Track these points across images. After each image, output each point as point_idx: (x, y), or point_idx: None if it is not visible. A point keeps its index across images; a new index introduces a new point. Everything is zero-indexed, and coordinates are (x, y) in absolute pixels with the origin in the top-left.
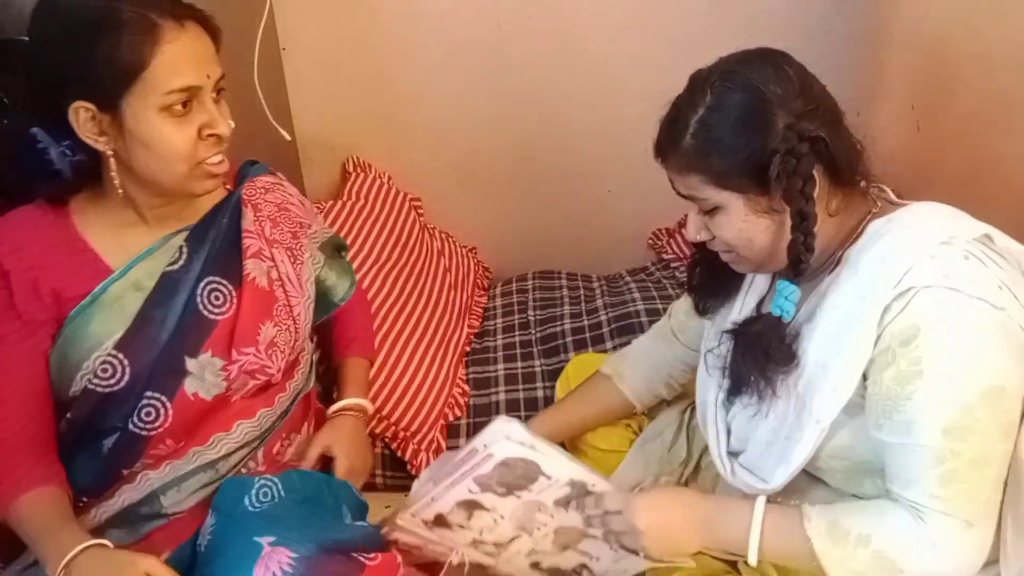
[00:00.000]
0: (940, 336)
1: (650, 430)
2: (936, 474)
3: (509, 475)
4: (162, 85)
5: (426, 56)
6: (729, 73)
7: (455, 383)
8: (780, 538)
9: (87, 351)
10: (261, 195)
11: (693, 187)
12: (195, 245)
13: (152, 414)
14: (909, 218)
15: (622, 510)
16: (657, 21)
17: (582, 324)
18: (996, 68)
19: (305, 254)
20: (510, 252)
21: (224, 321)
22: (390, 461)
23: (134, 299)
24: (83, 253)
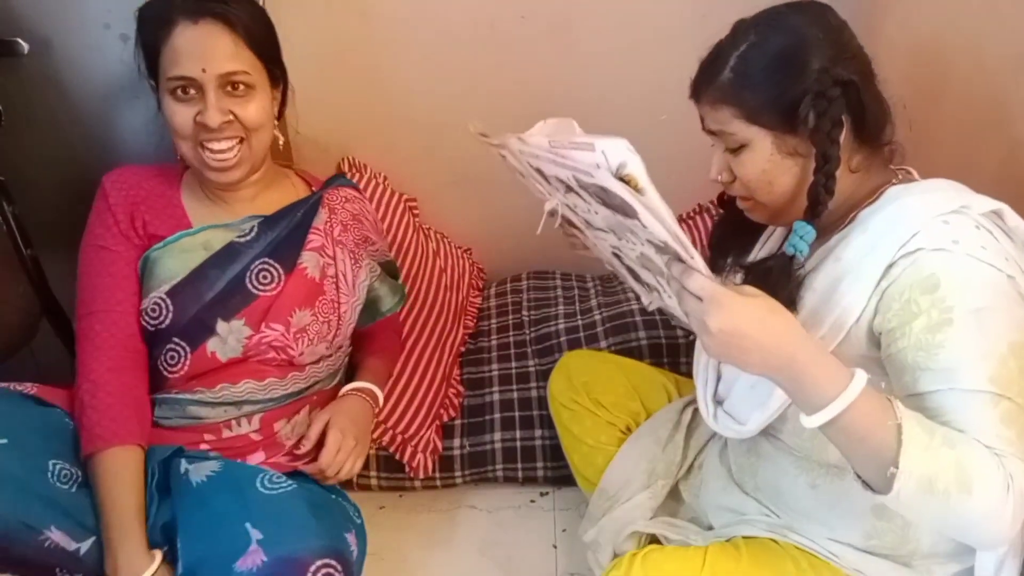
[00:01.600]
0: (964, 287)
1: (646, 427)
2: (997, 415)
3: (607, 197)
4: (165, 70)
5: (420, 56)
6: (774, 15)
7: (450, 384)
8: (869, 407)
9: (149, 289)
10: (341, 203)
11: (723, 121)
12: (265, 228)
13: (175, 358)
14: (925, 186)
15: (702, 299)
16: (651, 21)
17: (576, 324)
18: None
19: (364, 260)
20: (505, 252)
21: (265, 297)
22: (385, 463)
23: (199, 256)
24: (175, 207)
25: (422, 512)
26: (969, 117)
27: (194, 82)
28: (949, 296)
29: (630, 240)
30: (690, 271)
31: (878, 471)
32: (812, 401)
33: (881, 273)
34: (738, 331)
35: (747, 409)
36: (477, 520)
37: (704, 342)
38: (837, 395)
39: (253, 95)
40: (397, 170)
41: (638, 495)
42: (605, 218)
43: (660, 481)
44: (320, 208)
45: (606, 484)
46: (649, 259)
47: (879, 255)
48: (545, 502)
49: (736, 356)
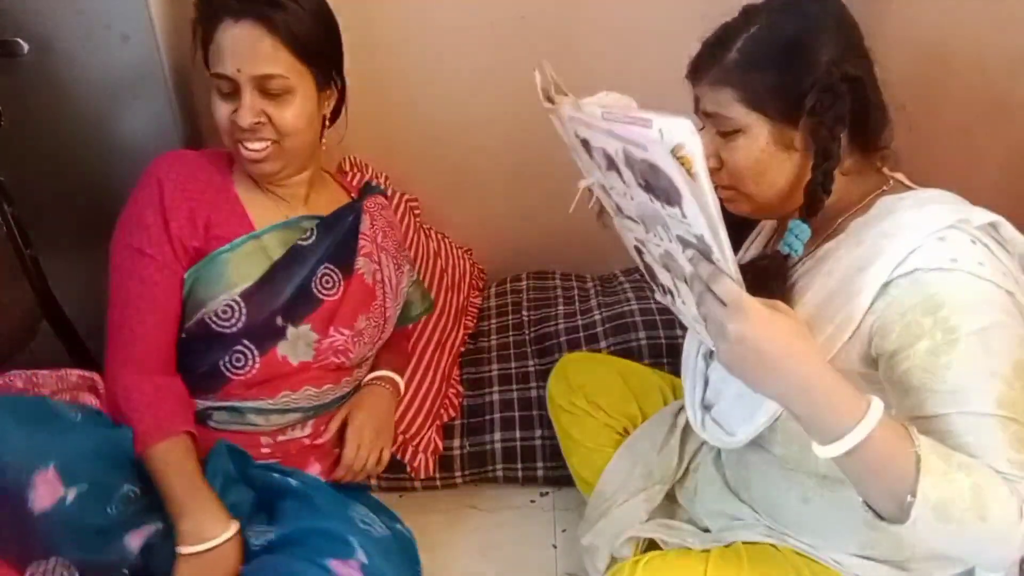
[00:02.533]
0: (967, 308)
1: (642, 430)
2: (1006, 439)
3: (653, 178)
4: (211, 65)
5: (420, 56)
6: (786, 3)
7: (450, 384)
8: (886, 436)
9: (217, 292)
10: (379, 210)
11: (723, 103)
12: (323, 231)
13: (242, 360)
14: (919, 199)
15: (727, 304)
16: (651, 22)
17: (576, 324)
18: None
19: (404, 267)
20: (505, 253)
21: (330, 303)
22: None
23: (262, 258)
24: (234, 203)
25: (422, 512)
26: (969, 117)
27: (231, 81)
28: (952, 316)
29: (658, 235)
30: (719, 273)
31: (894, 500)
32: (828, 430)
33: (876, 293)
34: (758, 345)
35: (735, 420)
36: (477, 520)
37: (720, 349)
38: (854, 425)
39: (291, 99)
40: (397, 170)
41: (635, 498)
42: (639, 205)
43: (657, 485)
44: (363, 214)
45: (603, 487)
46: (673, 258)
47: (874, 273)
48: (545, 502)
49: (749, 371)
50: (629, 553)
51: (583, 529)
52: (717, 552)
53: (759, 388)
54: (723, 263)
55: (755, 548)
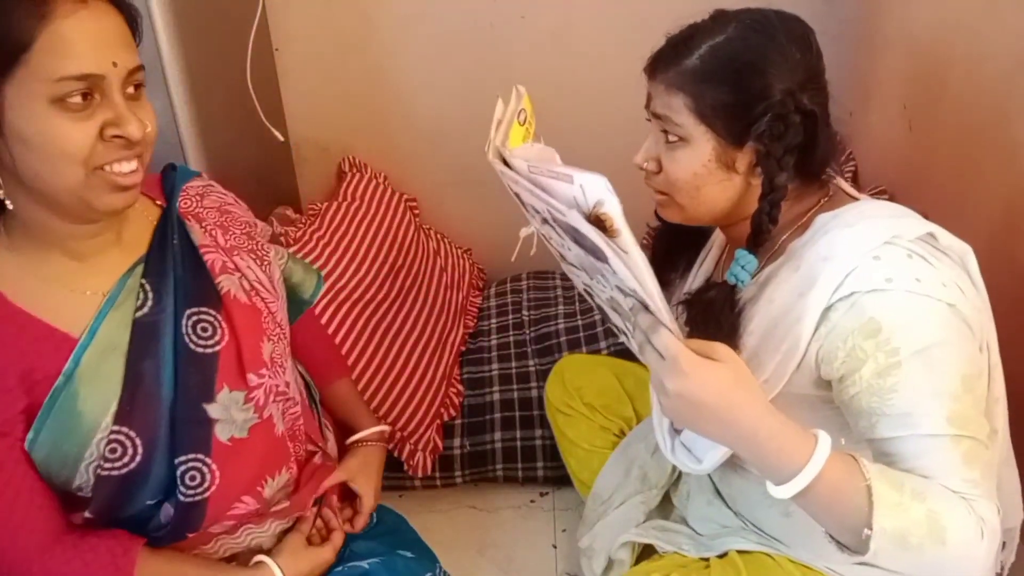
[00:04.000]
0: (905, 327)
1: (636, 432)
2: (959, 457)
3: (579, 237)
4: (51, 70)
5: (419, 56)
6: (760, 17)
7: (451, 383)
8: (836, 471)
9: (84, 436)
10: (198, 203)
11: (673, 109)
12: (156, 280)
13: (197, 478)
14: (854, 215)
15: (665, 358)
16: (650, 21)
17: (576, 324)
18: (988, 68)
19: (270, 252)
20: (505, 252)
21: (224, 350)
22: (386, 461)
23: (115, 361)
24: (30, 327)
25: (422, 512)
26: (969, 117)
27: (100, 82)
28: (893, 338)
29: (601, 282)
30: (657, 326)
31: (852, 533)
32: (778, 472)
33: (818, 319)
34: (696, 399)
35: (702, 447)
36: (477, 520)
37: (661, 402)
38: (803, 466)
39: (145, 96)
40: (397, 170)
41: (631, 501)
42: (577, 256)
43: (653, 490)
44: (187, 222)
45: (599, 489)
46: (618, 304)
47: (814, 299)
48: (545, 502)
49: (692, 423)
50: (626, 556)
51: (581, 531)
52: (716, 564)
53: (706, 436)
54: (659, 313)
55: (751, 558)
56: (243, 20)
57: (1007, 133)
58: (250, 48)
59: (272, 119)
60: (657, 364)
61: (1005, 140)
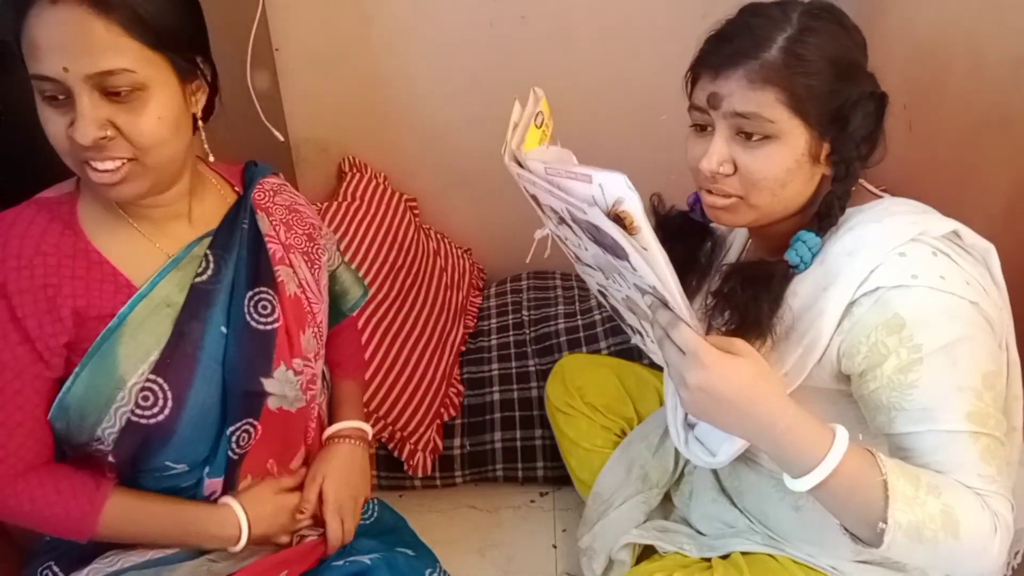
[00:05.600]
0: (929, 324)
1: (636, 432)
2: (976, 453)
3: (598, 235)
4: (28, 67)
5: (420, 56)
6: (820, 5)
7: (451, 383)
8: (853, 465)
9: (119, 379)
10: (271, 198)
11: (764, 104)
12: (221, 253)
13: (245, 437)
14: (879, 212)
15: (685, 353)
16: (649, 20)
17: (576, 324)
18: (988, 67)
19: (323, 257)
20: (505, 252)
21: (279, 329)
22: (385, 462)
23: (165, 316)
24: (100, 266)
25: (422, 512)
26: (969, 117)
27: (59, 84)
28: (916, 334)
29: (617, 281)
30: (677, 321)
31: (867, 526)
32: (796, 465)
33: (842, 312)
34: (717, 393)
35: (716, 440)
36: (477, 520)
37: (681, 396)
38: (821, 459)
39: (144, 100)
40: (397, 170)
41: (631, 501)
42: (594, 256)
43: (654, 489)
44: (257, 212)
45: (600, 488)
46: (635, 303)
47: (838, 293)
48: (545, 502)
49: (711, 416)
50: (626, 557)
51: (581, 531)
52: (718, 565)
53: (724, 430)
54: (679, 310)
55: (754, 559)
56: (243, 20)
57: (1007, 133)
58: (250, 48)
59: (272, 119)
60: (677, 359)
61: (1005, 140)
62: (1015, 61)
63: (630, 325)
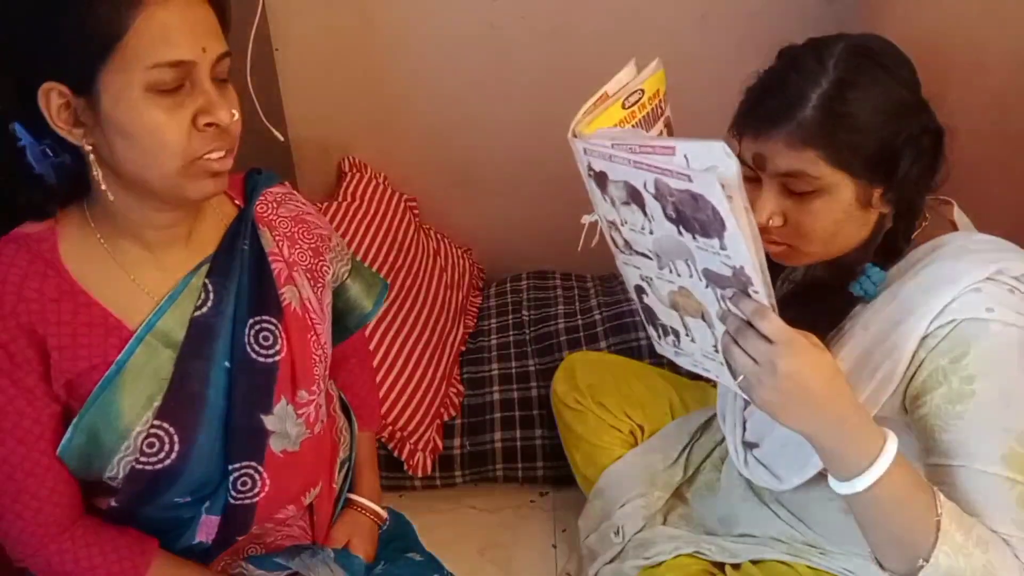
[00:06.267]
0: (991, 359)
1: (656, 442)
2: (1014, 498)
3: (690, 208)
4: (145, 57)
5: (420, 56)
6: (857, 49)
7: (451, 383)
8: (900, 491)
9: (124, 430)
10: (274, 210)
11: (806, 163)
12: (220, 281)
13: (248, 483)
14: (956, 249)
15: (775, 341)
16: (651, 21)
17: (576, 324)
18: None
19: (327, 276)
20: (505, 252)
21: (282, 361)
22: (385, 462)
23: (165, 356)
24: (87, 308)
25: (422, 512)
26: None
27: (191, 68)
28: (972, 365)
29: (673, 270)
30: (764, 310)
31: (904, 556)
32: (852, 465)
33: (915, 347)
34: (806, 381)
35: (783, 466)
36: (477, 520)
37: (765, 383)
38: (874, 459)
39: (230, 87)
40: (397, 170)
41: (633, 501)
42: (660, 239)
43: (657, 493)
44: (259, 228)
45: (604, 484)
46: (687, 294)
47: (912, 327)
48: (545, 502)
49: (790, 404)
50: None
51: (582, 523)
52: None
53: (794, 423)
54: (762, 296)
55: (767, 565)
56: (243, 20)
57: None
58: (250, 48)
59: (272, 119)
60: (762, 348)
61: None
62: (1015, 60)
63: (663, 325)
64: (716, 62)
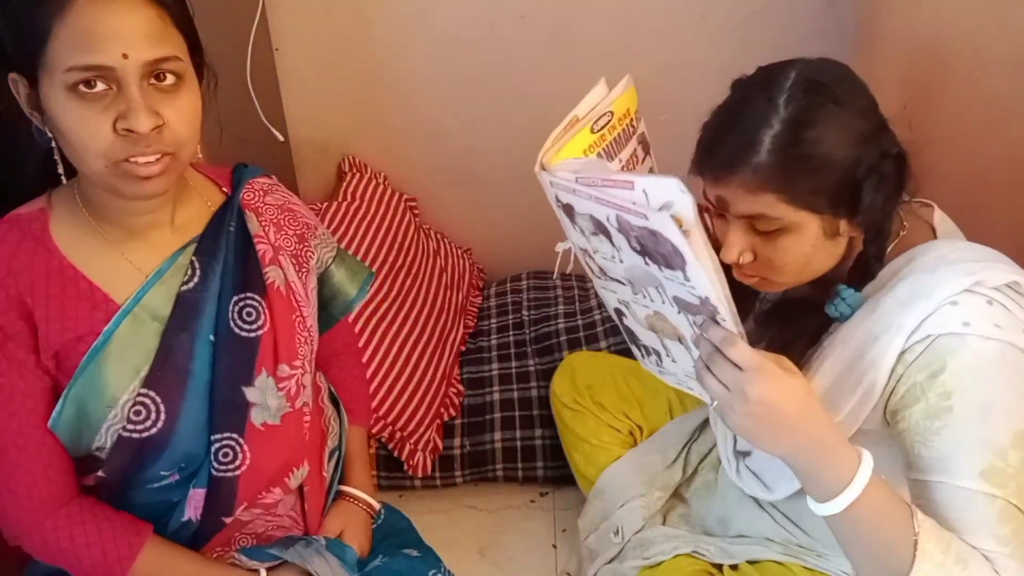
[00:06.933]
0: (968, 374)
1: (654, 442)
2: (994, 513)
3: (651, 243)
4: (65, 59)
5: (420, 56)
6: (807, 84)
7: (451, 383)
8: (878, 510)
9: (111, 398)
10: (260, 198)
11: (766, 206)
12: (206, 260)
13: (229, 455)
14: (934, 260)
15: (744, 369)
16: (651, 20)
17: (576, 324)
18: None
19: (312, 260)
20: (505, 252)
21: (264, 336)
22: (385, 462)
23: (152, 329)
24: (75, 283)
25: (422, 512)
26: (969, 117)
27: (111, 73)
28: (950, 382)
29: (647, 296)
30: (732, 337)
31: (883, 573)
32: (833, 483)
33: (894, 362)
34: (778, 407)
35: (773, 477)
36: (477, 520)
37: (736, 410)
38: (851, 479)
39: (184, 91)
40: (397, 170)
41: (632, 502)
42: (629, 268)
43: (656, 493)
44: (246, 213)
45: (603, 485)
46: (662, 318)
47: (890, 343)
48: (545, 502)
49: (763, 429)
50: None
51: (582, 523)
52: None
53: (769, 447)
54: (729, 324)
55: (763, 566)
56: (243, 20)
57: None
58: (250, 48)
59: (272, 119)
60: (734, 375)
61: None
62: (1015, 61)
63: (644, 346)
64: (716, 62)
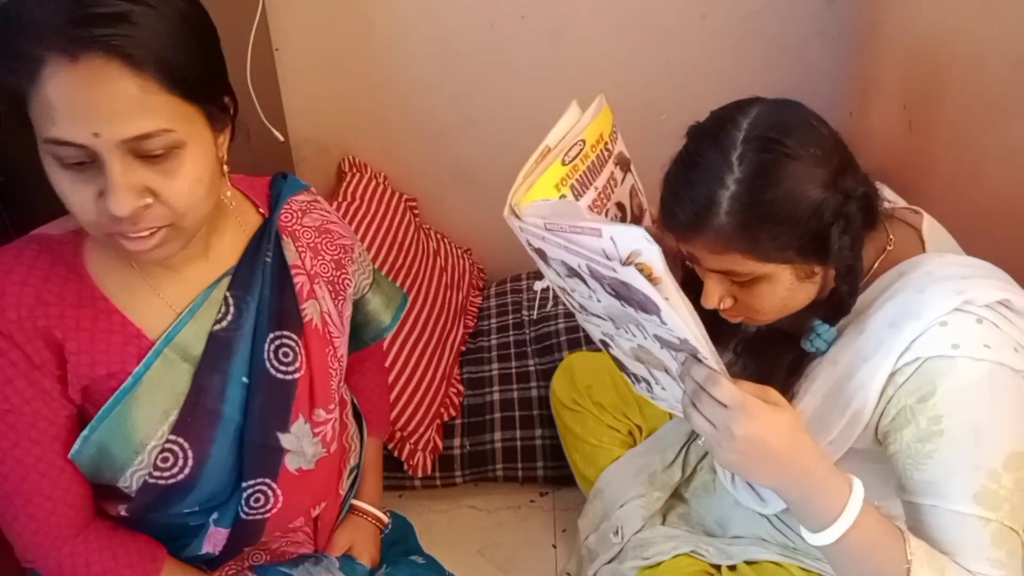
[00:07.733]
0: (958, 397)
1: (653, 443)
2: (987, 536)
3: (623, 291)
4: (39, 128)
5: (420, 56)
6: (759, 141)
7: (451, 383)
8: (870, 538)
9: (139, 444)
10: (298, 219)
11: (733, 264)
12: (241, 295)
13: (261, 499)
14: (923, 278)
15: (729, 407)
16: (650, 21)
17: (576, 324)
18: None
19: (349, 289)
20: (505, 252)
21: (301, 379)
22: (386, 462)
23: (182, 370)
24: (108, 315)
25: (422, 512)
26: (969, 117)
27: (85, 151)
28: (941, 405)
29: (629, 332)
30: (715, 376)
31: None
32: (825, 514)
33: (884, 383)
34: (764, 443)
35: (769, 491)
36: (477, 520)
37: (724, 447)
38: (842, 508)
39: (182, 159)
40: (397, 170)
41: (632, 502)
42: (607, 307)
43: (656, 493)
44: (283, 239)
45: (603, 485)
46: (647, 351)
47: (879, 364)
48: (545, 502)
49: (751, 465)
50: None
51: (582, 523)
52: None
53: (760, 481)
54: (710, 361)
55: (760, 567)
56: (243, 20)
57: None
58: (250, 48)
59: (272, 119)
60: (719, 413)
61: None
62: (1015, 61)
63: (634, 374)
64: (716, 62)
